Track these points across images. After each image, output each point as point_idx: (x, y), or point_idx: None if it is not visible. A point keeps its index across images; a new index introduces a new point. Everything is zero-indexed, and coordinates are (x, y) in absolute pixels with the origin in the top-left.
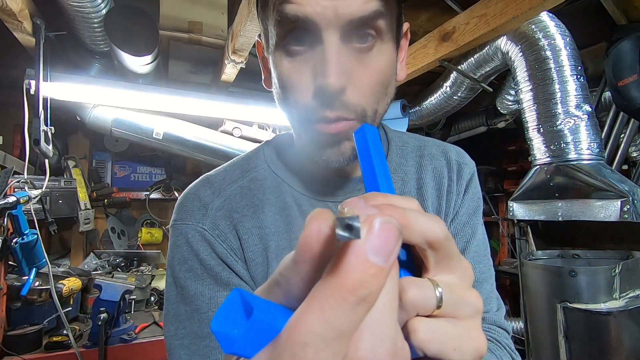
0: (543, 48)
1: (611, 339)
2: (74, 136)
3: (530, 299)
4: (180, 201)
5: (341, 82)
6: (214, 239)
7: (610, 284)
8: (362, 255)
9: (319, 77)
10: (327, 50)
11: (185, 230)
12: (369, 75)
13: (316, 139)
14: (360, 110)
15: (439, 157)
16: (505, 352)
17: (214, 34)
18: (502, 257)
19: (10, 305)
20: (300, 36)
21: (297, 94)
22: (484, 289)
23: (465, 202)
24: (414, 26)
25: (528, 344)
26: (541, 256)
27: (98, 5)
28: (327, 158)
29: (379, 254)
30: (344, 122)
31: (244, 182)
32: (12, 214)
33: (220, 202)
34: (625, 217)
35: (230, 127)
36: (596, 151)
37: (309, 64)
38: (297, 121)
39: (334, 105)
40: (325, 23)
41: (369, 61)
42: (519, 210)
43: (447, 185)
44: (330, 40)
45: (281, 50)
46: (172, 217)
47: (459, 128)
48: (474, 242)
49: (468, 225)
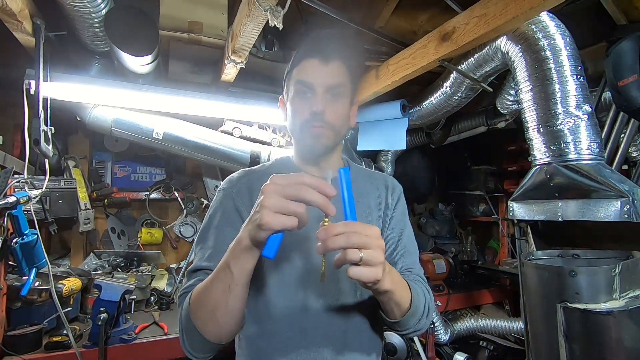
0: (543, 48)
1: (611, 339)
2: (74, 136)
3: (530, 299)
4: (226, 178)
5: (322, 109)
6: (238, 198)
7: (610, 284)
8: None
9: (313, 107)
10: (317, 96)
11: (222, 192)
12: (336, 110)
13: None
14: (332, 125)
15: (381, 182)
16: (422, 287)
17: (214, 34)
18: (502, 257)
19: (10, 305)
20: (305, 90)
21: (301, 114)
22: (412, 258)
23: (397, 208)
24: (414, 26)
25: (528, 344)
26: (541, 256)
27: (98, 5)
28: (312, 146)
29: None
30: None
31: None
32: (12, 214)
33: (245, 180)
34: (625, 217)
35: (230, 127)
36: (596, 151)
37: (308, 102)
38: (299, 128)
39: (318, 120)
40: (317, 85)
41: (336, 104)
42: (519, 210)
43: (385, 198)
44: (319, 92)
45: (296, 95)
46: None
47: (459, 128)
48: (405, 231)
49: (401, 222)
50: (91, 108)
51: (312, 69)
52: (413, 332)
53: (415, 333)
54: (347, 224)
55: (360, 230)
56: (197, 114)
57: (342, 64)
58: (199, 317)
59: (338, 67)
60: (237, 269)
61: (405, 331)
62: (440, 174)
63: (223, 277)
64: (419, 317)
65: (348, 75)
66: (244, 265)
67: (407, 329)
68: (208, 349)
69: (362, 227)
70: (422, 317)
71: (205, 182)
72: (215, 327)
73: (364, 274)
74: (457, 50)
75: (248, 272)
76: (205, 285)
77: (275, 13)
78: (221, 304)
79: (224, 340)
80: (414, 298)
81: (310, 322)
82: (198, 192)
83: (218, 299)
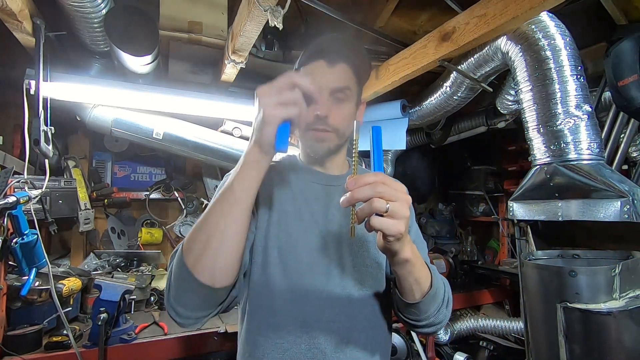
0: (543, 48)
1: (611, 339)
2: (74, 136)
3: (530, 299)
4: None
5: (326, 113)
6: None
7: (610, 284)
8: None
9: (317, 111)
10: (322, 100)
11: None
12: (341, 113)
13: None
14: (336, 129)
15: None
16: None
17: (214, 34)
18: (502, 257)
19: (10, 305)
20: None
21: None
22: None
23: None
24: (414, 26)
25: (528, 344)
26: (541, 256)
27: (98, 5)
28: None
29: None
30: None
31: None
32: (12, 214)
33: None
34: (625, 217)
35: (230, 127)
36: (596, 151)
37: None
38: (303, 130)
39: (322, 124)
40: (322, 88)
41: (341, 107)
42: (519, 210)
43: None
44: (323, 95)
45: None
46: None
47: (459, 128)
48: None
49: None
50: (91, 108)
51: (318, 70)
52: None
53: (435, 327)
54: (376, 174)
55: (389, 182)
56: (197, 114)
57: (347, 67)
58: (192, 251)
59: (344, 70)
60: (240, 185)
61: (425, 321)
62: (440, 174)
63: (223, 198)
64: (439, 303)
65: (354, 78)
66: (248, 181)
67: (427, 317)
68: (198, 299)
69: (390, 179)
70: (442, 305)
71: (205, 182)
72: (209, 260)
73: (387, 226)
74: (457, 50)
75: (251, 191)
76: (202, 216)
77: (275, 13)
78: (218, 228)
79: (216, 281)
80: (434, 279)
81: (312, 316)
82: (198, 192)
83: (216, 223)
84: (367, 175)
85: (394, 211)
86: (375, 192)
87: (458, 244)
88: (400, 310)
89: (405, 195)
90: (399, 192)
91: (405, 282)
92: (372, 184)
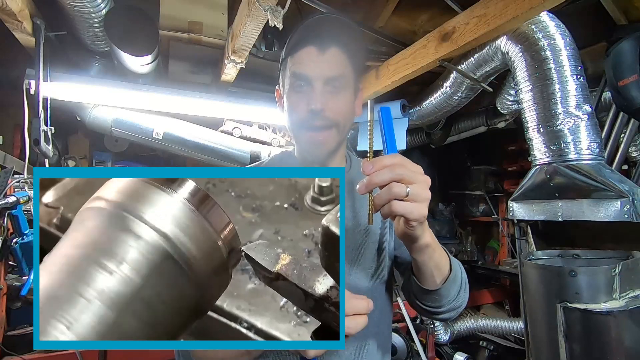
0: (543, 48)
1: (611, 339)
2: (74, 136)
3: (530, 299)
4: None
5: (321, 107)
6: None
7: (610, 284)
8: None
9: (311, 104)
10: (315, 91)
11: None
12: (337, 104)
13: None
14: (334, 122)
15: None
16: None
17: (214, 34)
18: (502, 257)
19: (10, 305)
20: (302, 83)
21: (299, 111)
22: None
23: None
24: (414, 26)
25: (528, 344)
26: (541, 256)
27: (98, 5)
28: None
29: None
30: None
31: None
32: (12, 214)
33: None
34: (625, 217)
35: (230, 127)
36: (596, 151)
37: (305, 97)
38: (297, 127)
39: (317, 118)
40: (314, 78)
41: (337, 98)
42: (519, 210)
43: None
44: (316, 86)
45: (292, 90)
46: None
47: (459, 128)
48: None
49: None
50: (91, 108)
51: (308, 59)
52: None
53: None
54: (394, 155)
55: (407, 163)
56: (197, 114)
57: (341, 52)
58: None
59: (337, 55)
60: None
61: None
62: (440, 174)
63: None
64: (459, 286)
65: (349, 64)
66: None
67: (448, 302)
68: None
69: (407, 160)
70: (461, 288)
71: None
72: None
73: (411, 210)
74: (457, 50)
75: None
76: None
77: (275, 13)
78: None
79: None
80: (452, 262)
81: None
82: None
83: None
84: (384, 158)
85: (415, 194)
86: (396, 175)
87: (458, 244)
88: (419, 299)
89: (424, 176)
90: (418, 173)
91: (426, 268)
92: (391, 166)
